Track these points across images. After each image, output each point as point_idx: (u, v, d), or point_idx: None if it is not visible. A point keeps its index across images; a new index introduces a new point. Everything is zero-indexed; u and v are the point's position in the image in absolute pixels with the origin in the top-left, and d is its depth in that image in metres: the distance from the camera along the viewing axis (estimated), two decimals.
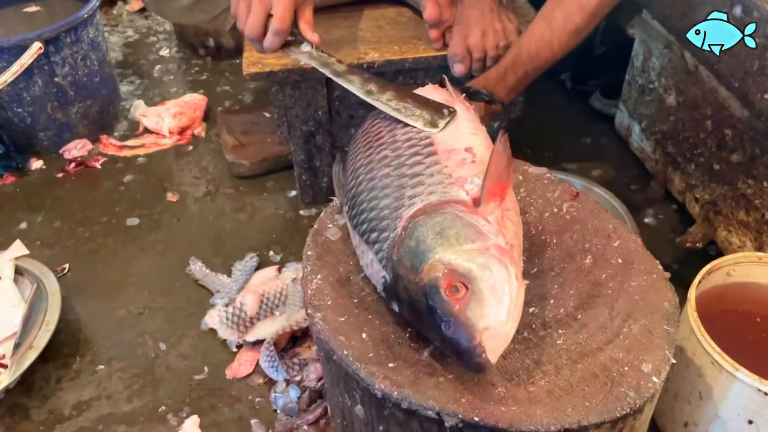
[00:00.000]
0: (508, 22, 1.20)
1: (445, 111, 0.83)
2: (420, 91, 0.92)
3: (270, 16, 0.94)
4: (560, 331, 0.72)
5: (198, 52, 1.95)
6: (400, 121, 0.84)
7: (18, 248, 1.25)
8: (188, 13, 1.29)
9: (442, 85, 0.94)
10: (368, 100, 0.88)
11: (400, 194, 0.74)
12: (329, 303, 0.76)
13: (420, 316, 0.67)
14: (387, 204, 0.75)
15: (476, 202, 0.70)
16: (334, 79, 0.93)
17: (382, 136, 0.84)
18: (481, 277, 0.63)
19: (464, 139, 0.79)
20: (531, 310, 0.74)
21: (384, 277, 0.71)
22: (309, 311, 0.75)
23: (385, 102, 0.86)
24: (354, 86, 0.90)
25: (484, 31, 1.15)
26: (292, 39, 0.96)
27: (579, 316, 0.73)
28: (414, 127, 0.82)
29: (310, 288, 0.78)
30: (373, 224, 0.75)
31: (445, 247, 0.66)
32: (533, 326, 0.73)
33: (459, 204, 0.70)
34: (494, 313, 0.62)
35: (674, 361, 0.68)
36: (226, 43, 1.91)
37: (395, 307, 0.72)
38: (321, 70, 0.95)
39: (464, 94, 0.94)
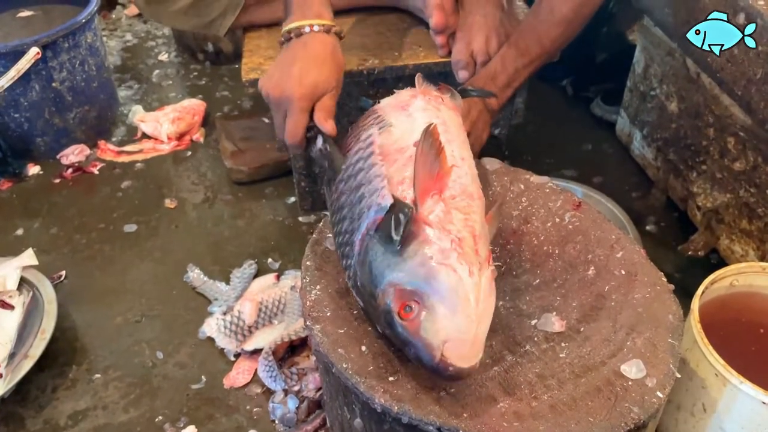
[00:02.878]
0: (510, 26, 1.19)
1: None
2: (394, 95, 0.89)
3: None
4: (563, 344, 0.71)
5: (197, 56, 1.94)
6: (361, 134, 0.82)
7: (28, 257, 1.22)
8: (182, 17, 1.27)
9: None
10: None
11: (352, 214, 0.73)
12: (328, 314, 0.75)
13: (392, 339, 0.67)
14: (345, 228, 0.74)
15: (415, 204, 0.67)
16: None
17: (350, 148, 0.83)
18: (428, 291, 0.62)
19: (415, 133, 0.75)
20: (533, 322, 0.73)
21: (357, 301, 0.71)
22: (308, 323, 0.74)
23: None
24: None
25: (488, 36, 1.14)
26: (311, 135, 0.90)
27: (582, 329, 0.72)
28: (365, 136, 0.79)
29: (309, 299, 0.77)
30: (341, 249, 0.75)
31: (391, 267, 0.64)
32: (535, 339, 0.72)
33: None
34: (451, 324, 0.61)
35: (679, 376, 0.67)
36: (225, 47, 1.91)
37: (379, 329, 0.71)
38: (328, 168, 0.87)
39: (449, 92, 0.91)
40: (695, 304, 0.88)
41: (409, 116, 0.80)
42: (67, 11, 1.62)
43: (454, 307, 0.61)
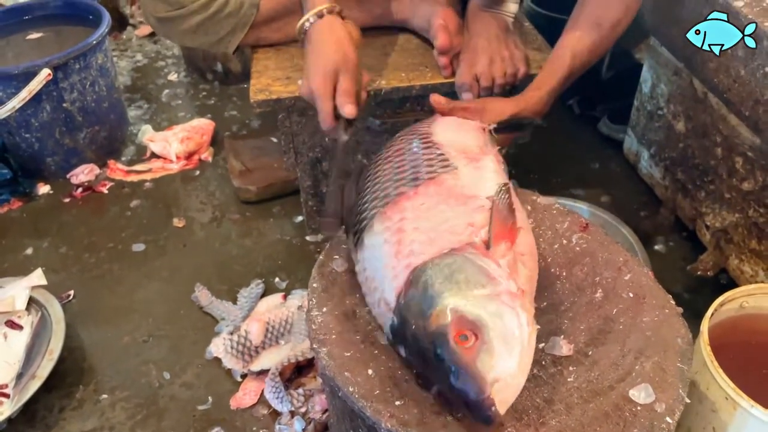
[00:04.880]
0: (515, 49, 1.19)
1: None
2: (460, 126, 0.90)
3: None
4: (571, 368, 0.70)
5: (206, 76, 1.96)
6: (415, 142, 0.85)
7: (37, 277, 1.23)
8: (192, 35, 1.29)
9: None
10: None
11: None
12: (334, 337, 0.74)
13: (427, 363, 0.65)
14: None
15: (487, 245, 0.69)
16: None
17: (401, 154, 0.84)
18: (491, 326, 0.62)
19: (486, 189, 0.77)
20: (541, 346, 0.73)
21: (392, 319, 0.69)
22: (314, 346, 0.74)
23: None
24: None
25: (492, 58, 1.15)
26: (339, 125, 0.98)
27: (590, 353, 0.72)
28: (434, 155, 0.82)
29: (315, 322, 0.76)
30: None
31: (454, 292, 0.64)
32: (543, 363, 0.71)
33: (469, 246, 0.68)
34: (505, 365, 0.61)
35: (688, 401, 0.67)
36: (234, 67, 1.92)
37: (402, 352, 0.69)
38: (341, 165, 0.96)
39: (505, 127, 0.96)
40: (705, 326, 0.87)
41: (477, 169, 0.80)
42: (77, 32, 1.63)
43: (511, 349, 0.61)
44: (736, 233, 1.20)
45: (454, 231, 0.70)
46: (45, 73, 1.44)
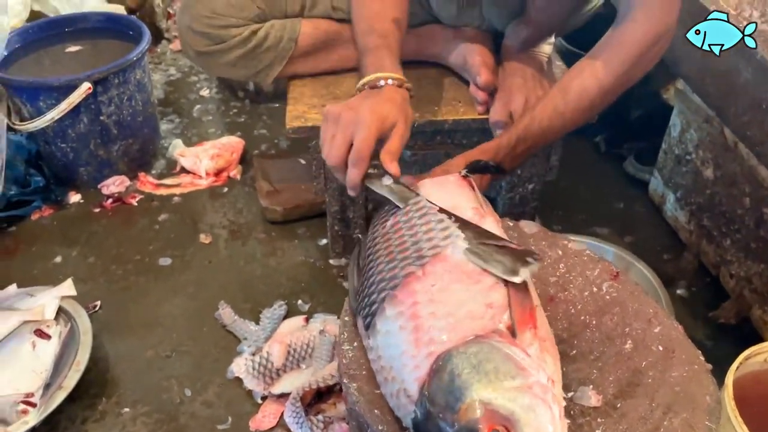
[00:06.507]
0: (550, 89, 1.21)
1: (530, 258, 0.72)
2: (445, 183, 0.88)
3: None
4: (599, 419, 0.71)
5: (237, 94, 1.99)
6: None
7: (68, 287, 1.25)
8: (231, 68, 1.32)
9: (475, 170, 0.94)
10: None
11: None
12: (364, 373, 0.75)
13: None
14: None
15: (512, 332, 0.65)
16: None
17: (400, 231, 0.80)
18: (525, 421, 0.58)
19: None
20: (569, 395, 0.73)
21: (415, 411, 0.64)
22: (344, 380, 0.75)
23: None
24: None
25: (527, 98, 1.17)
26: (373, 172, 0.89)
27: (618, 405, 0.72)
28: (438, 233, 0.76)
29: (346, 356, 0.77)
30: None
31: (484, 383, 0.60)
32: (571, 413, 0.72)
33: (494, 334, 0.65)
34: None
35: None
36: (266, 87, 1.95)
37: None
38: (398, 204, 0.86)
39: (471, 168, 0.94)
40: (729, 379, 0.88)
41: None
42: (114, 47, 1.66)
43: None
44: (761, 283, 1.20)
45: (474, 315, 0.67)
46: (85, 87, 1.47)
